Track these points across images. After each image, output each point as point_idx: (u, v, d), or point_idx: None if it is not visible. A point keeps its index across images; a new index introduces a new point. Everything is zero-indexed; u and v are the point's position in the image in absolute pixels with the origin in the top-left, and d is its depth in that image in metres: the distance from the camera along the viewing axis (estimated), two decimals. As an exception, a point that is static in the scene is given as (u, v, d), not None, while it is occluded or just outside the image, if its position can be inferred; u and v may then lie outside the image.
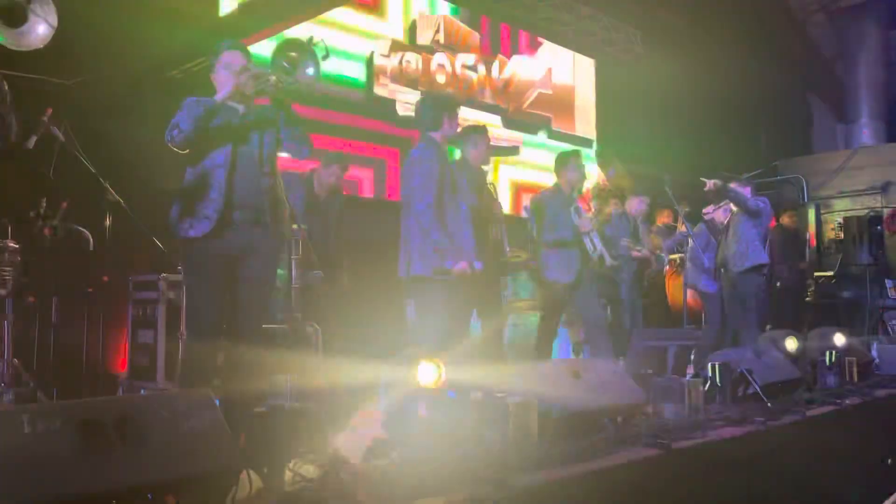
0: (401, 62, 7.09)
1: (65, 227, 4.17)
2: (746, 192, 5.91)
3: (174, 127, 3.00)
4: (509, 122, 8.15)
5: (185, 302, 4.56)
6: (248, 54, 3.24)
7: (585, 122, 9.15)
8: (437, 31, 7.57)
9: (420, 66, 7.29)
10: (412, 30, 7.29)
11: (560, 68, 8.92)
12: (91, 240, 4.24)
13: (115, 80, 5.00)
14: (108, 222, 4.24)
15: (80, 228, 4.23)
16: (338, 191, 5.34)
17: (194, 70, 5.20)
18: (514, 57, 8.34)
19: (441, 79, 7.48)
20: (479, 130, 4.80)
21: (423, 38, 7.41)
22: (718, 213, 6.59)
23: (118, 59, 5.00)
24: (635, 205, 5.86)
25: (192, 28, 5.30)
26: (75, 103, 4.55)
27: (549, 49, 8.79)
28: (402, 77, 7.09)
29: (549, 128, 8.67)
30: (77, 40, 4.54)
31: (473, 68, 7.87)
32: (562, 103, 8.86)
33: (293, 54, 3.08)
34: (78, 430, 1.86)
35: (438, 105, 4.11)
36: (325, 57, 3.10)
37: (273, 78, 3.04)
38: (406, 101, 6.90)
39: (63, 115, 3.92)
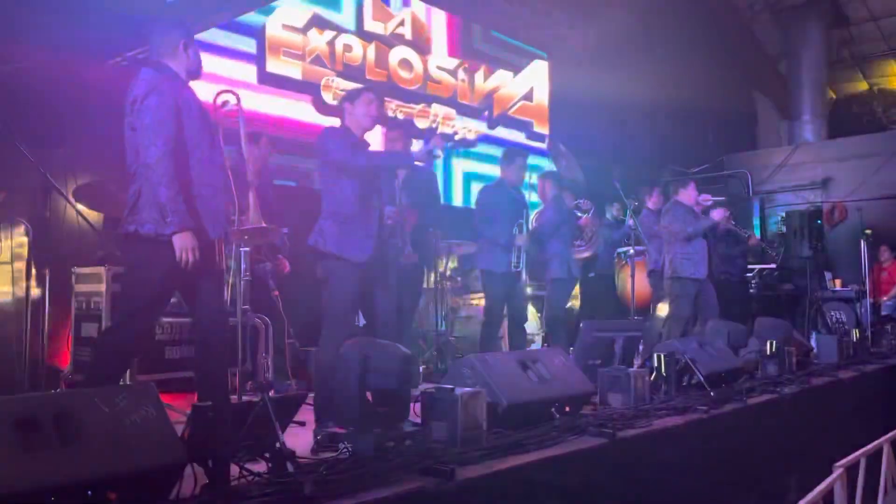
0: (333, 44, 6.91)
1: (3, 217, 4.05)
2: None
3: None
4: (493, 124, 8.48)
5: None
6: None
7: (540, 117, 9.30)
8: (402, 25, 7.60)
9: (371, 56, 7.26)
10: (359, 16, 7.23)
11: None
12: (31, 230, 4.11)
13: (53, 66, 4.84)
14: (48, 213, 4.12)
15: (19, 219, 4.10)
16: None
17: (139, 58, 5.05)
18: (499, 71, 8.70)
19: (406, 75, 7.57)
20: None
21: (376, 27, 7.38)
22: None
23: (57, 44, 4.83)
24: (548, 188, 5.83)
25: (136, 13, 5.15)
26: (12, 91, 4.40)
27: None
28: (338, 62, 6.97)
29: (530, 130, 9.05)
30: (12, 25, 4.39)
31: (453, 73, 8.10)
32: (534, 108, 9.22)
33: None
34: (15, 426, 1.81)
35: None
36: None
37: None
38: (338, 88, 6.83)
39: (-1, 103, 3.80)
